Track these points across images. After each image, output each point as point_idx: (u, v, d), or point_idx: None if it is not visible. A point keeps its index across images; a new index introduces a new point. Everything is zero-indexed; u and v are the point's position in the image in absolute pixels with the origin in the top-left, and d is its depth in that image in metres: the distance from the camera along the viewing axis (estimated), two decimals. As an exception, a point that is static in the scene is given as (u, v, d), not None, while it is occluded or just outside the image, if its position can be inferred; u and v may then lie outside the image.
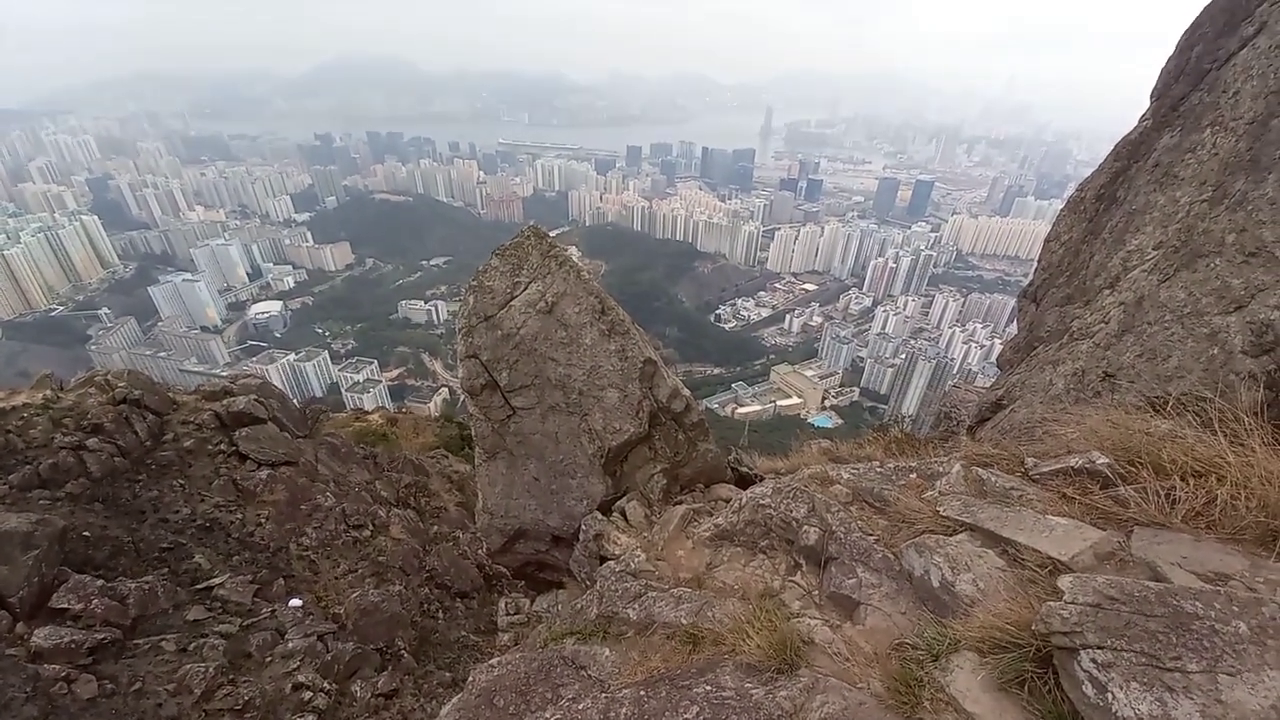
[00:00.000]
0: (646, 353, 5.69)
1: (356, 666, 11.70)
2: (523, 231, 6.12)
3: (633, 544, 4.82)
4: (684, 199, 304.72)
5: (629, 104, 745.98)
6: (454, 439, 31.42)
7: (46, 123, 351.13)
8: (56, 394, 12.93)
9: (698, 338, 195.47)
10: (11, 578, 8.49)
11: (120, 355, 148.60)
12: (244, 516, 13.26)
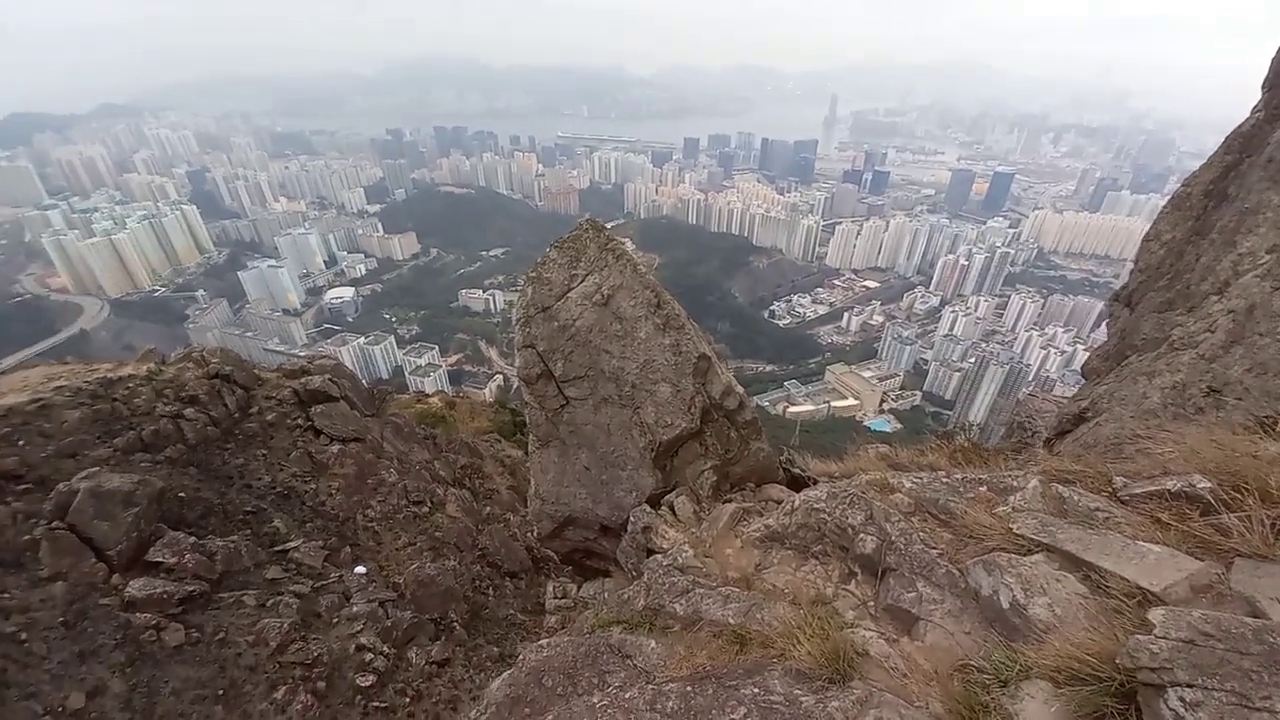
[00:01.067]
0: (701, 348, 5.65)
1: (413, 634, 12.37)
2: (581, 224, 6.20)
3: (680, 539, 4.82)
4: (741, 192, 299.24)
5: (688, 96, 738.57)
6: (507, 424, 32.47)
7: (150, 118, 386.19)
8: (159, 367, 14.30)
9: (751, 334, 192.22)
10: (112, 533, 9.46)
11: (213, 334, 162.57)
12: (317, 487, 14.24)
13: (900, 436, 72.54)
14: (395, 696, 10.91)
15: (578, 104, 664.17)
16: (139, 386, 13.00)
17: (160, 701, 8.30)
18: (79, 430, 11.26)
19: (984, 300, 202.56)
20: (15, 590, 8.19)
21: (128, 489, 9.85)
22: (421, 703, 11.24)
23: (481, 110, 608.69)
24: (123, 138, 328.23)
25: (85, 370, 13.52)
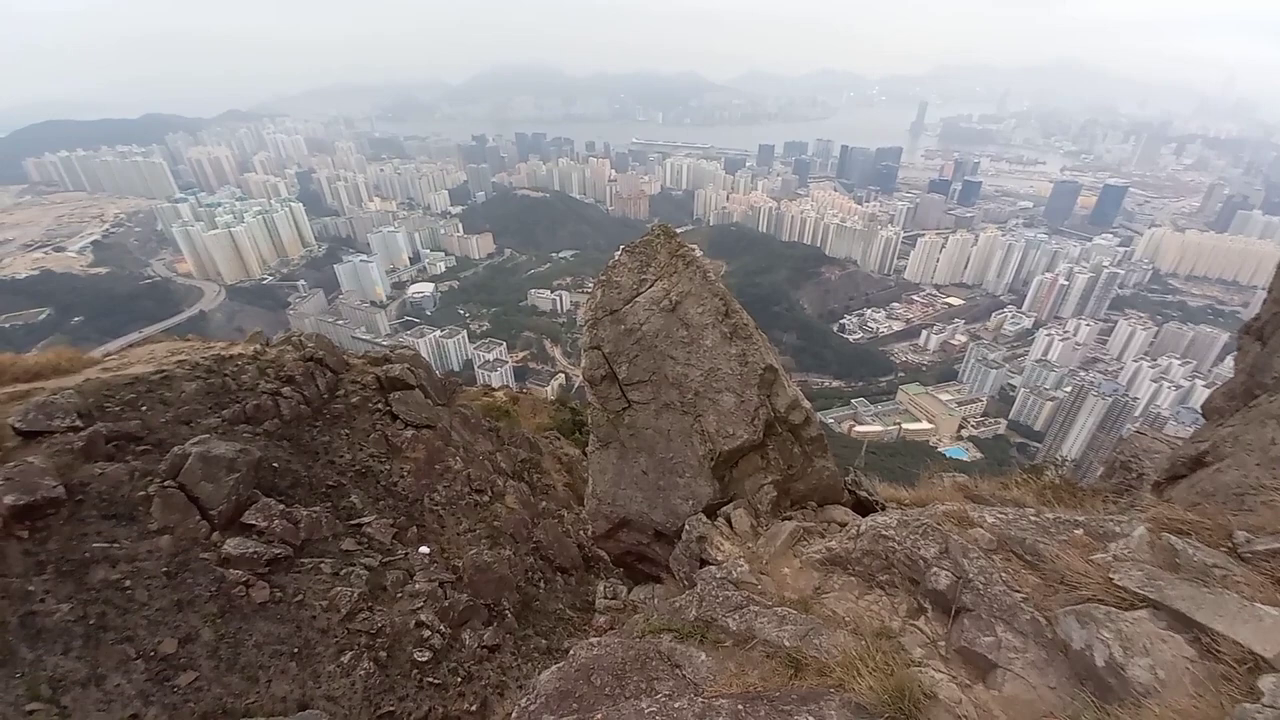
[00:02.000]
0: (768, 359, 5.51)
1: (467, 617, 12.87)
2: (652, 229, 6.24)
3: (736, 553, 4.72)
4: (815, 200, 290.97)
5: (765, 102, 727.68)
6: (566, 423, 33.16)
7: (268, 123, 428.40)
8: (263, 348, 15.76)
9: (818, 347, 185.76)
10: (215, 494, 10.49)
11: (310, 320, 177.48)
12: (391, 468, 15.15)
13: (980, 467, 67.49)
14: (448, 675, 11.38)
15: (653, 110, 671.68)
16: (246, 365, 14.39)
17: (244, 653, 9.11)
18: (194, 400, 12.62)
19: (1085, 324, 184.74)
20: (125, 541, 9.25)
21: (231, 456, 10.92)
22: (471, 684, 11.65)
23: (559, 116, 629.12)
24: (245, 140, 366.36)
25: (203, 347, 15.14)
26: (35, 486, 8.68)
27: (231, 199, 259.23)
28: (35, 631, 7.51)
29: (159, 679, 8.03)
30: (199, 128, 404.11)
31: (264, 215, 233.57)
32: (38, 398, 10.33)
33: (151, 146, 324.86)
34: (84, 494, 9.34)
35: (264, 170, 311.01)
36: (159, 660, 8.25)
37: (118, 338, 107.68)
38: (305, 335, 17.33)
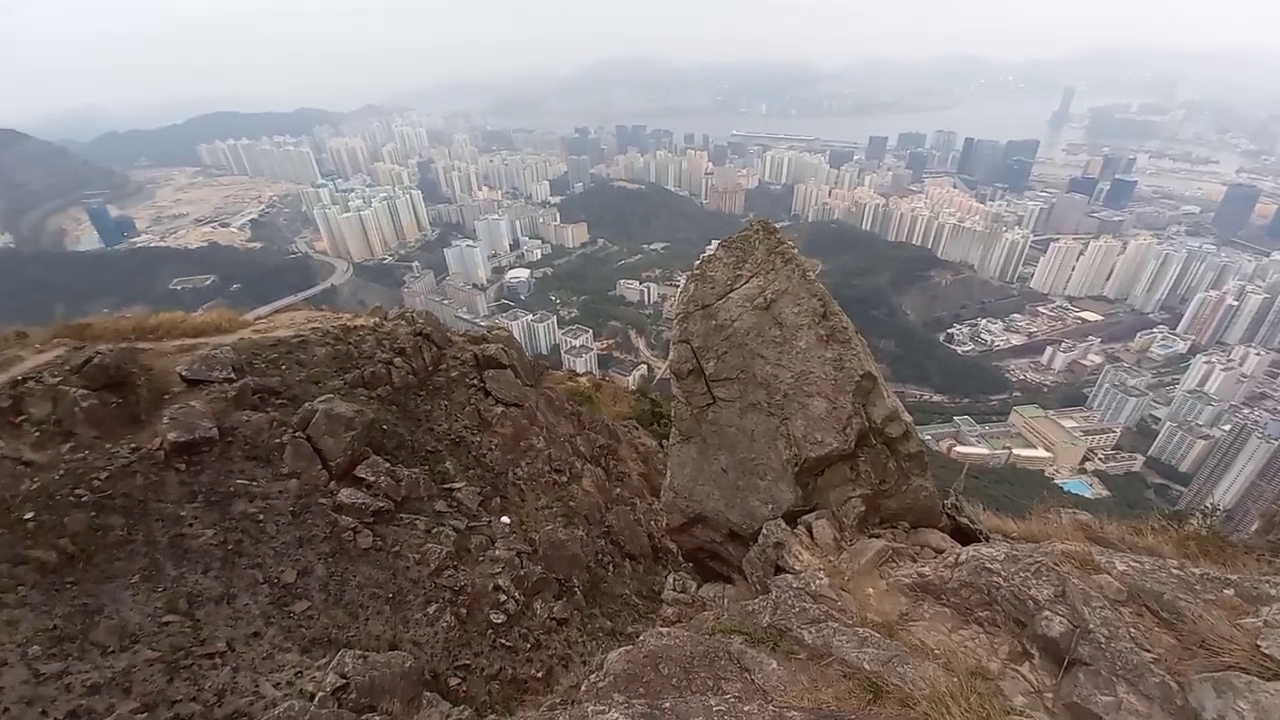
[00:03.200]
0: (867, 366, 5.19)
1: (540, 588, 13.48)
2: (751, 224, 6.08)
3: (816, 564, 4.52)
4: (930, 197, 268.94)
5: (880, 91, 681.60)
6: (645, 413, 33.51)
7: (396, 117, 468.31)
8: (381, 321, 17.39)
9: (919, 357, 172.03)
10: (335, 447, 11.77)
11: (420, 298, 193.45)
12: (481, 440, 16.18)
13: (1106, 506, 59.46)
14: (519, 640, 12.01)
15: (756, 101, 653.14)
16: (366, 335, 15.96)
17: (347, 591, 10.20)
18: (323, 363, 14.22)
19: (1255, 353, 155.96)
20: (261, 481, 10.65)
21: (350, 415, 12.20)
22: (539, 652, 12.22)
23: (660, 109, 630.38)
24: (377, 133, 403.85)
25: (333, 317, 16.99)
26: (194, 426, 10.23)
27: (362, 185, 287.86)
28: (181, 552, 8.85)
29: (279, 604, 9.18)
30: (340, 121, 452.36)
31: (388, 201, 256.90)
32: (201, 351, 12.13)
33: (301, 137, 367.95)
34: (232, 437, 10.85)
35: (391, 160, 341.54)
36: (280, 587, 9.44)
37: (266, 304, 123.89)
38: (416, 312, 18.88)
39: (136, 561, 8.33)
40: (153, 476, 9.37)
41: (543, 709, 3.45)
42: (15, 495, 8.04)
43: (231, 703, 6.86)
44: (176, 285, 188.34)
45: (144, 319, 13.78)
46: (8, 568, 7.20)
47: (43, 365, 10.24)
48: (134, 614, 7.57)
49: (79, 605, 7.26)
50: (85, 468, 8.92)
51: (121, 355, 10.89)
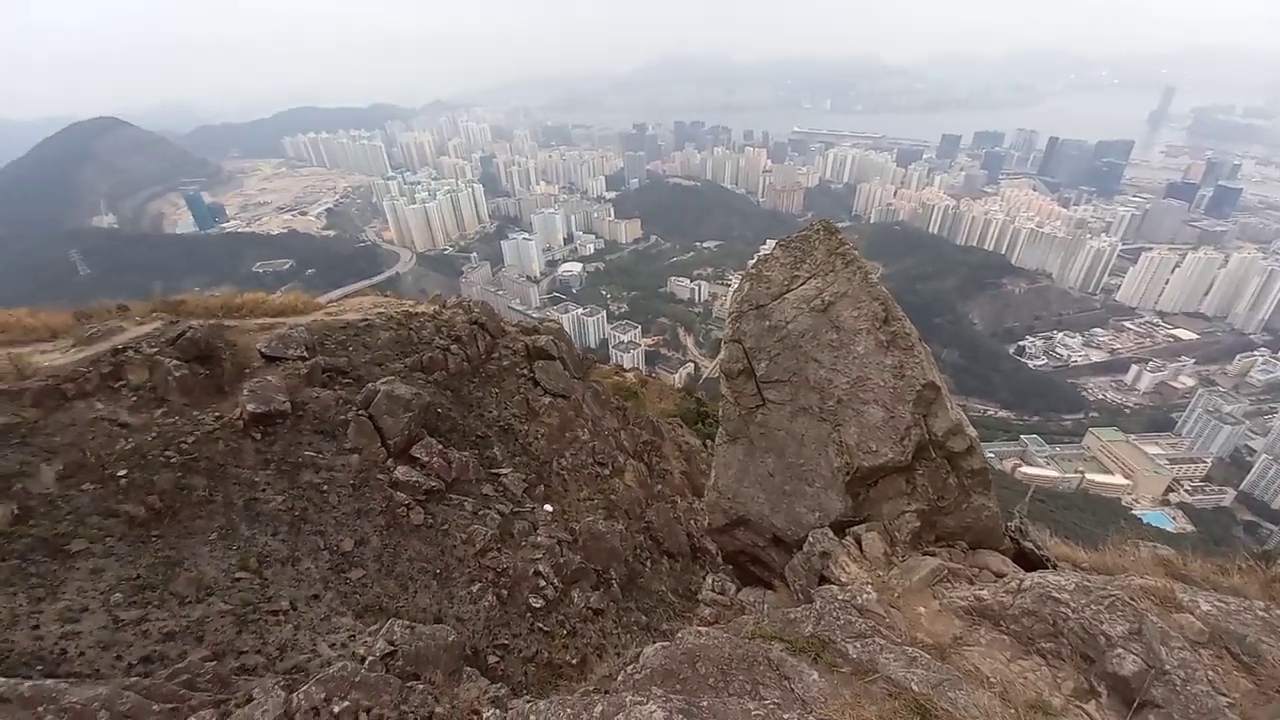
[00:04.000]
0: (929, 375, 4.94)
1: (578, 578, 13.70)
2: (811, 224, 5.90)
3: (864, 578, 4.36)
4: (1006, 200, 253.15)
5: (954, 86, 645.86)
6: (690, 412, 33.36)
7: (462, 113, 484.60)
8: (440, 309, 18.10)
9: (985, 369, 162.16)
10: (394, 426, 12.36)
11: (476, 288, 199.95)
12: (528, 429, 16.59)
13: (1189, 541, 54.45)
14: (556, 626, 12.26)
15: (820, 97, 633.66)
16: (426, 322, 16.66)
17: (399, 563, 10.72)
18: (386, 347, 14.96)
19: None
20: (327, 454, 11.34)
21: (408, 397, 12.79)
22: (575, 639, 12.44)
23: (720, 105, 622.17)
24: (444, 128, 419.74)
25: (396, 303, 17.84)
26: (270, 399, 10.99)
27: (428, 178, 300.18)
28: (254, 514, 9.54)
29: (337, 570, 9.76)
30: (411, 116, 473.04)
31: (451, 194, 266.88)
32: (279, 330, 13.01)
33: (375, 131, 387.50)
34: (303, 411, 11.59)
35: (455, 154, 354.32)
36: (339, 555, 10.03)
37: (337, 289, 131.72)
38: (473, 301, 19.53)
39: (215, 520, 9.06)
40: (232, 443, 10.16)
41: (577, 694, 3.50)
42: (111, 453, 8.91)
43: (291, 658, 7.35)
44: (259, 268, 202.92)
45: (230, 298, 14.95)
46: (98, 520, 7.98)
47: (141, 336, 11.28)
48: (210, 568, 8.24)
49: (161, 557, 7.96)
50: (175, 432, 9.77)
51: (210, 330, 11.84)
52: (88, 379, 9.96)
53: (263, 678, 6.40)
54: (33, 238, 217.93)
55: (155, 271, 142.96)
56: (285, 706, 4.67)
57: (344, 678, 5.03)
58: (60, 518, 7.70)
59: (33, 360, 10.29)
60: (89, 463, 8.63)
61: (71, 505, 7.97)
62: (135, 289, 17.01)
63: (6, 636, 5.72)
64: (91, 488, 8.35)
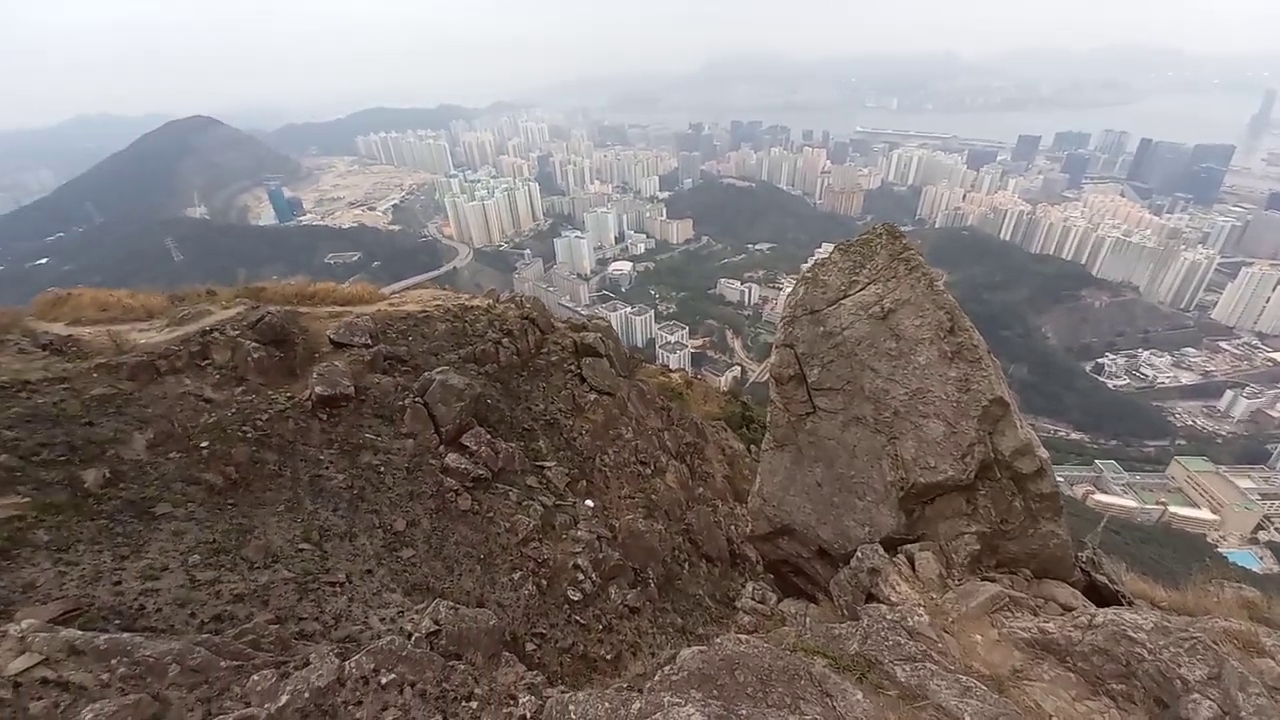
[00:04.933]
0: (997, 390, 4.64)
1: (616, 574, 13.78)
2: (874, 228, 5.67)
3: (915, 599, 4.16)
4: (1089, 206, 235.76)
5: (1036, 84, 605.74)
6: (735, 416, 32.91)
7: (522, 113, 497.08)
8: (494, 303, 18.64)
9: (1057, 387, 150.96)
10: (446, 414, 12.83)
11: (529, 284, 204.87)
12: (573, 424, 16.83)
13: (1275, 583, 48.98)
14: (592, 620, 12.38)
15: (887, 95, 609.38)
16: (480, 315, 17.20)
17: (446, 546, 11.12)
18: (442, 338, 15.55)
19: None
20: (385, 437, 11.89)
21: (461, 387, 13.24)
22: (610, 635, 12.52)
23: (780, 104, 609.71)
24: (504, 128, 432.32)
25: (453, 296, 18.50)
26: (336, 383, 11.64)
27: (488, 177, 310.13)
28: (318, 490, 10.13)
29: (389, 548, 10.23)
30: (474, 116, 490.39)
31: (508, 192, 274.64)
32: (347, 319, 13.76)
33: (440, 131, 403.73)
34: (365, 395, 12.21)
35: (514, 153, 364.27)
36: (392, 534, 10.50)
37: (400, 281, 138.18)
38: (525, 297, 19.99)
39: (283, 493, 9.69)
40: (301, 422, 10.83)
41: (611, 689, 3.51)
42: (195, 426, 9.68)
43: (345, 628, 7.77)
44: (330, 259, 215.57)
45: (304, 287, 15.95)
46: (182, 486, 8.69)
47: (226, 320, 12.20)
48: (277, 537, 8.81)
49: (235, 524, 8.59)
50: (251, 409, 10.51)
51: (285, 317, 12.67)
52: (178, 356, 10.88)
53: (319, 644, 6.79)
54: (133, 226, 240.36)
55: (240, 259, 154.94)
56: (338, 673, 4.94)
57: (392, 651, 5.26)
58: (148, 482, 8.43)
59: (131, 337, 11.33)
60: (176, 433, 9.42)
61: (159, 471, 8.72)
62: (222, 275, 18.48)
63: (88, 591, 6.23)
64: (177, 456, 9.10)
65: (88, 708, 3.93)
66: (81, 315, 12.58)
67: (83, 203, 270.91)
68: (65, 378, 9.45)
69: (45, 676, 4.20)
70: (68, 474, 7.76)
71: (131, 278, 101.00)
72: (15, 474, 7.31)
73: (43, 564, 6.32)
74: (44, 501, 7.11)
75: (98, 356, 10.30)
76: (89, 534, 7.08)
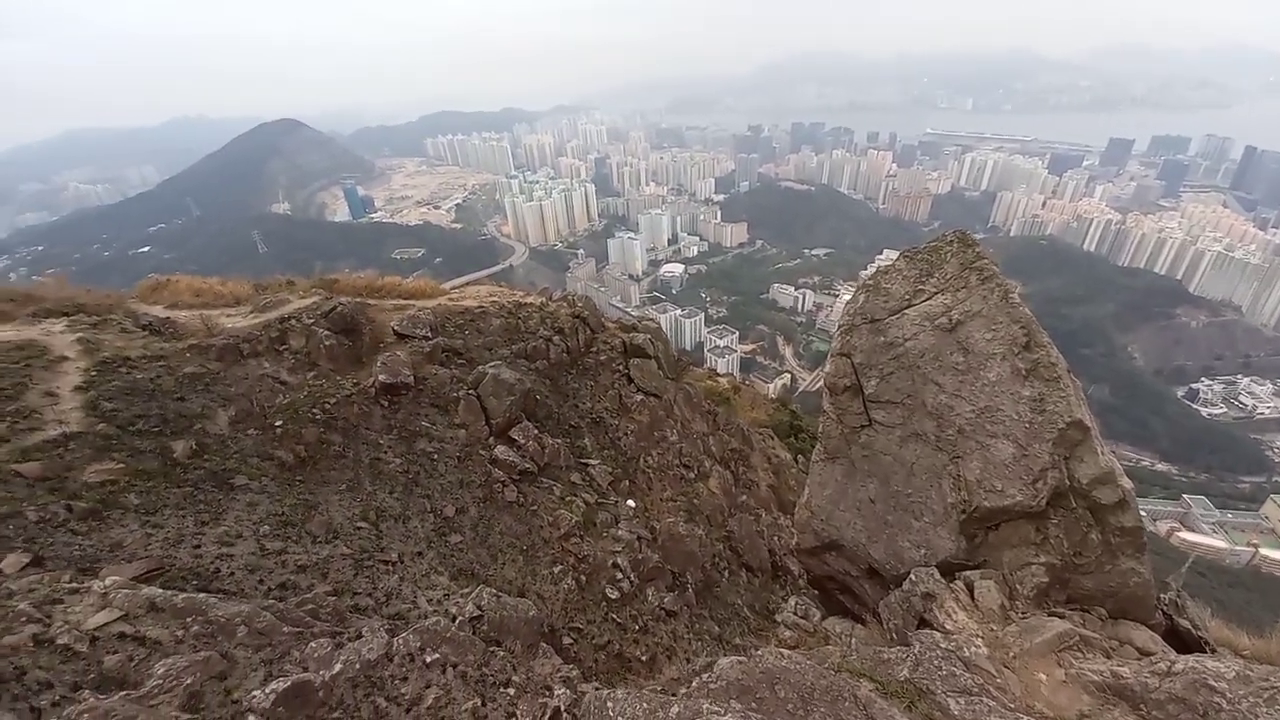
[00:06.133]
0: (1077, 413, 4.29)
1: (654, 576, 13.75)
2: (944, 235, 5.37)
3: (973, 629, 3.91)
4: (1187, 216, 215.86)
5: (1128, 83, 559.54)
6: (783, 424, 32.17)
7: (582, 115, 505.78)
8: (547, 301, 19.04)
9: (1143, 412, 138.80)
10: (497, 407, 13.21)
11: (581, 284, 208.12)
12: (619, 424, 16.94)
13: None
14: (629, 619, 12.40)
15: (960, 95, 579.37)
16: (533, 312, 17.61)
17: (491, 535, 11.44)
18: (496, 333, 16.02)
19: None
20: (440, 426, 12.36)
21: (512, 381, 13.60)
22: (646, 636, 12.50)
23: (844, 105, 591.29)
24: (564, 130, 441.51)
25: (508, 293, 19.03)
26: (398, 372, 12.21)
27: (546, 178, 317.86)
28: (377, 473, 10.65)
29: (439, 532, 10.62)
30: (535, 119, 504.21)
31: (565, 193, 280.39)
32: (410, 311, 14.41)
33: (503, 134, 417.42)
34: (423, 385, 12.75)
35: (572, 155, 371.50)
36: (441, 519, 10.90)
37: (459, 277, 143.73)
38: (577, 296, 20.29)
39: (345, 473, 10.26)
40: (364, 408, 11.43)
41: (646, 691, 3.49)
42: (271, 406, 10.40)
43: (395, 605, 8.12)
44: (397, 254, 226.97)
45: (373, 280, 16.86)
46: (257, 461, 9.34)
47: (302, 308, 13.04)
48: (338, 515, 9.34)
49: (302, 499, 9.15)
50: (322, 392, 11.19)
51: (356, 308, 13.42)
52: (259, 341, 11.72)
53: (370, 619, 7.13)
54: (225, 219, 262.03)
55: (317, 253, 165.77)
56: (386, 648, 5.17)
57: (437, 632, 5.45)
58: (228, 455, 9.12)
59: (220, 322, 12.31)
60: (254, 411, 10.15)
61: (238, 446, 9.42)
62: (300, 267, 19.85)
63: (171, 553, 6.78)
64: (254, 433, 9.80)
65: (160, 662, 4.25)
66: (178, 300, 13.78)
67: (183, 197, 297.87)
68: (161, 356, 10.37)
69: (123, 631, 4.55)
70: (159, 444, 8.49)
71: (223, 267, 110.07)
72: (112, 442, 8.05)
73: (131, 525, 6.92)
74: (136, 468, 7.80)
75: (190, 338, 11.26)
76: (174, 500, 7.70)
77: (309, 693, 4.28)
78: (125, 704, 3.71)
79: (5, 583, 4.96)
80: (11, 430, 7.54)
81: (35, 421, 7.88)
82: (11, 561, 5.19)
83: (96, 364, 9.55)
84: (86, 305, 11.83)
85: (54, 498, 6.75)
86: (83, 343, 10.12)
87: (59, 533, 6.31)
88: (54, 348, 9.79)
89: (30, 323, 10.72)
